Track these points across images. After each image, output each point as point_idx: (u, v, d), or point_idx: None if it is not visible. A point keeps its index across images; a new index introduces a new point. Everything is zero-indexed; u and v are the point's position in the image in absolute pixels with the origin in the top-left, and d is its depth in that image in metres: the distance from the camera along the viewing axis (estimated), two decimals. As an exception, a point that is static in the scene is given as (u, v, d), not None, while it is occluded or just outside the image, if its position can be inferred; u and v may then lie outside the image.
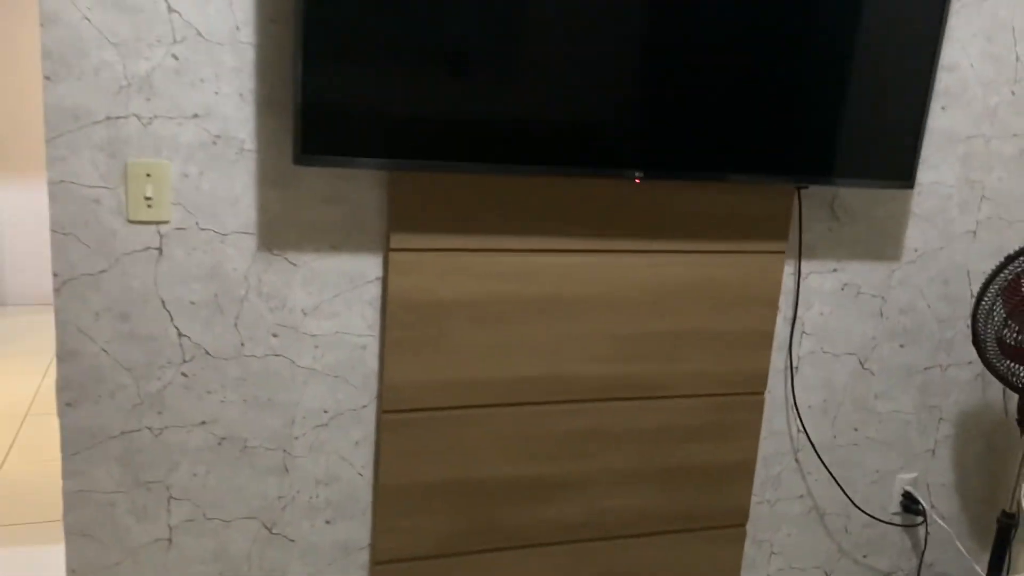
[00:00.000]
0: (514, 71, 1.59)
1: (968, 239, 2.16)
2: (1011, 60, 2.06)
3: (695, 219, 1.89)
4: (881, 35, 1.80)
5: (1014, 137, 2.12)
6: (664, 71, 1.68)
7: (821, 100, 1.80)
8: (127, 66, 1.51)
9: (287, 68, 1.58)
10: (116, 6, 1.48)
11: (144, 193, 1.55)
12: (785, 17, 1.73)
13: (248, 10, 1.54)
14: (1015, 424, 2.32)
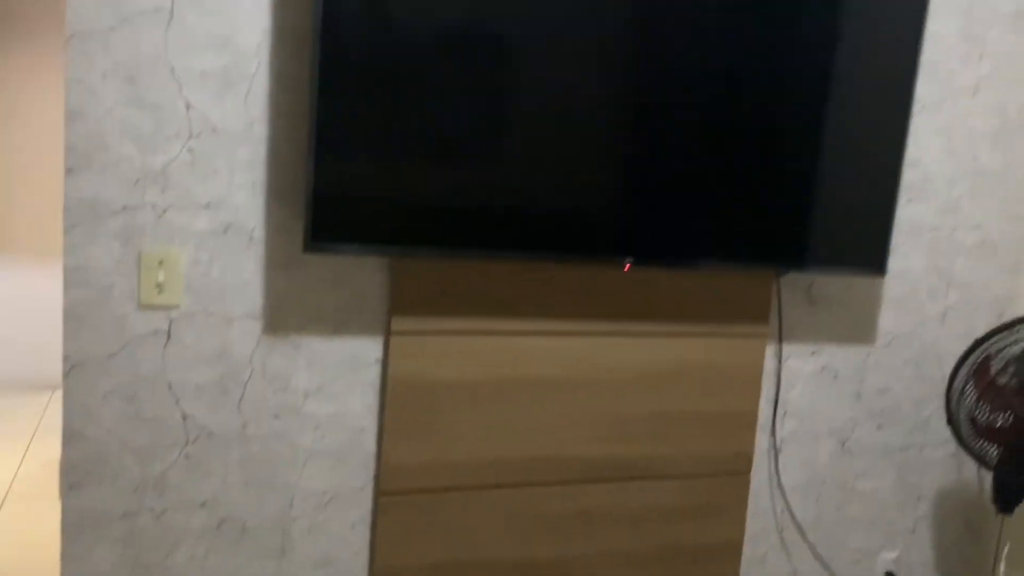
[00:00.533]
0: (508, 164, 1.69)
1: (938, 323, 2.27)
2: (969, 157, 2.21)
3: (681, 303, 1.98)
4: (851, 135, 1.94)
5: (975, 228, 2.25)
6: (652, 165, 1.80)
7: (796, 194, 1.92)
8: (145, 159, 1.58)
9: (298, 161, 1.67)
10: (137, 103, 1.56)
11: (156, 280, 1.61)
12: (764, 120, 1.86)
13: (262, 107, 1.64)
14: (991, 503, 2.39)
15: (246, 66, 1.62)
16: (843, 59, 1.90)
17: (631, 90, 1.75)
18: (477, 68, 1.64)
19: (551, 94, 1.70)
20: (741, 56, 1.82)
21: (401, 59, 1.59)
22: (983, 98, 2.20)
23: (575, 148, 1.74)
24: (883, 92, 1.95)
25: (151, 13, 1.55)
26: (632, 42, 1.74)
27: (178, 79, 1.58)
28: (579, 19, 1.69)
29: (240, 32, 1.60)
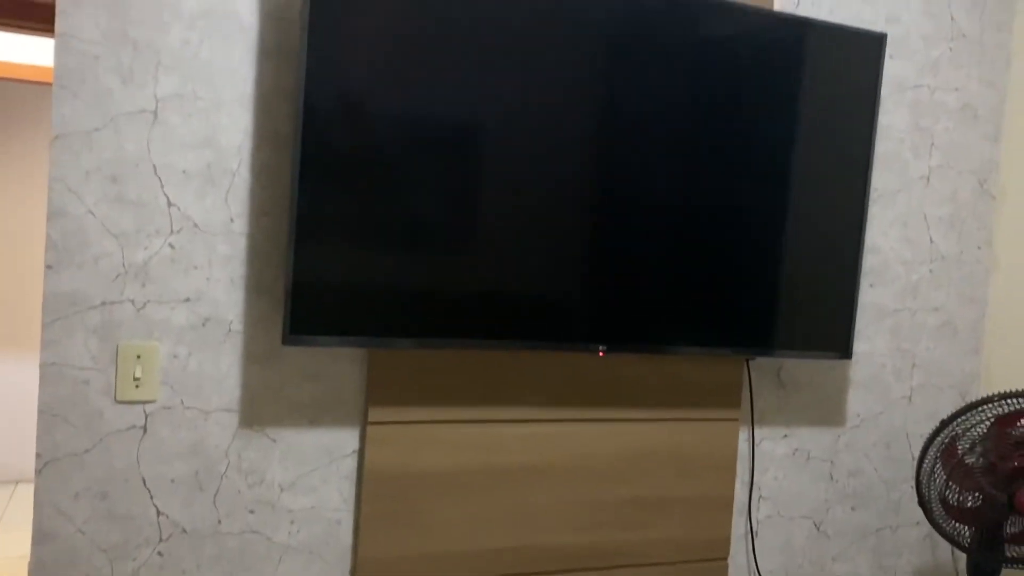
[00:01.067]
0: (483, 254, 1.74)
1: (905, 404, 2.31)
2: (925, 242, 2.30)
3: (655, 388, 2.01)
4: (813, 224, 2.02)
5: (935, 310, 2.33)
6: (623, 254, 1.85)
7: (763, 281, 1.98)
8: (126, 255, 1.61)
9: (277, 255, 1.70)
10: (119, 201, 1.60)
11: (133, 374, 1.61)
12: (730, 211, 1.93)
13: (242, 204, 1.68)
14: (966, 583, 2.40)
15: (228, 164, 1.66)
16: (803, 152, 1.99)
17: (601, 182, 1.82)
18: (451, 161, 1.70)
19: (523, 185, 1.76)
20: (707, 151, 1.90)
21: (377, 154, 1.64)
22: (936, 186, 2.30)
23: (548, 237, 1.79)
24: (841, 183, 2.04)
25: (136, 114, 1.59)
26: (602, 136, 1.81)
27: (160, 177, 1.62)
28: (550, 112, 1.76)
29: (223, 132, 1.65)
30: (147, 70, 1.60)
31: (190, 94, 1.63)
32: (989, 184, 2.37)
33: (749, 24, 1.91)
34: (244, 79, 1.66)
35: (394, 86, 1.64)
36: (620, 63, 1.81)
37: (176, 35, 1.61)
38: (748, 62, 1.92)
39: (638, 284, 1.87)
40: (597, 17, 1.78)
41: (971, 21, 2.31)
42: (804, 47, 1.96)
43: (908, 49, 2.24)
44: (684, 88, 1.87)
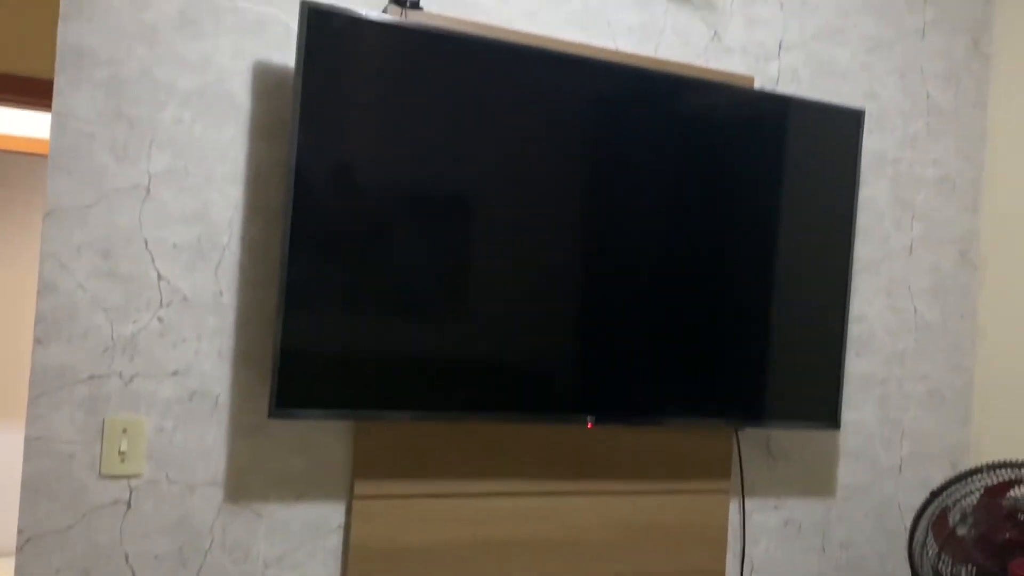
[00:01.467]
0: (471, 326, 1.75)
1: (894, 474, 2.31)
2: (910, 312, 2.32)
3: (643, 460, 2.00)
4: (798, 295, 2.04)
5: (922, 379, 2.34)
6: (612, 326, 1.87)
7: (751, 351, 1.99)
8: (115, 329, 1.61)
9: (265, 328, 1.71)
10: (110, 275, 1.61)
11: (119, 448, 1.61)
12: (717, 283, 1.96)
13: (232, 277, 1.69)
14: (963, 658, 2.36)
15: (218, 238, 1.68)
16: (787, 224, 2.02)
17: (590, 253, 1.85)
18: (439, 233, 1.73)
19: (511, 257, 1.78)
20: (693, 224, 1.93)
21: (367, 226, 1.67)
22: (918, 257, 2.34)
23: (536, 308, 1.81)
24: (826, 254, 2.07)
25: (129, 190, 1.62)
26: (590, 207, 1.84)
27: (151, 251, 1.64)
28: (538, 184, 1.80)
29: (214, 207, 1.68)
30: (141, 147, 1.63)
31: (182, 170, 1.66)
32: (970, 254, 2.41)
33: (732, 101, 1.96)
34: (236, 155, 1.69)
35: (384, 159, 1.68)
36: (607, 137, 1.85)
37: (170, 113, 1.65)
38: (732, 138, 1.96)
39: (626, 355, 1.88)
40: (585, 91, 1.83)
41: (946, 98, 2.37)
42: (786, 123, 2.01)
43: (887, 124, 2.30)
44: (671, 162, 1.91)
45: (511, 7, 1.91)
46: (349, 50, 1.65)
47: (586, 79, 1.83)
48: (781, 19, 2.17)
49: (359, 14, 1.65)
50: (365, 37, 1.66)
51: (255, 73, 1.71)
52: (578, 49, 1.93)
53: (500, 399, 1.78)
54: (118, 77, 1.61)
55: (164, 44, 1.64)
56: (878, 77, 2.29)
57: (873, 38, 2.28)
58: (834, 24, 2.23)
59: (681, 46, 2.07)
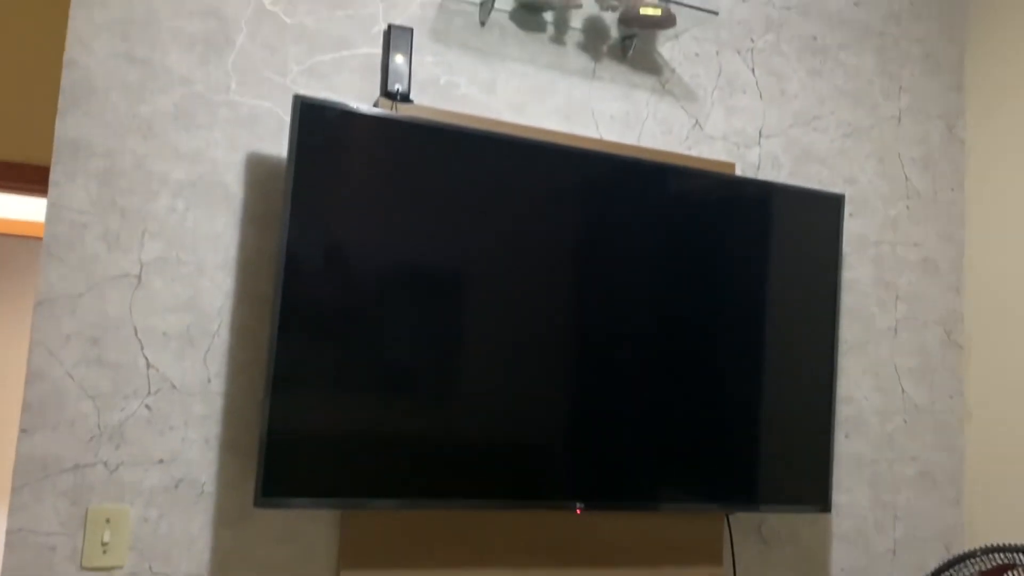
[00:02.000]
0: (459, 409, 1.75)
1: (889, 558, 2.28)
2: (898, 393, 2.33)
3: (634, 547, 1.98)
4: (785, 377, 2.05)
5: (912, 460, 2.33)
6: (601, 410, 1.87)
7: (741, 435, 1.99)
8: (102, 417, 1.61)
9: (253, 416, 1.71)
10: (99, 363, 1.62)
11: (102, 539, 1.58)
12: (705, 368, 1.97)
13: (221, 363, 1.70)
14: None
15: (208, 326, 1.69)
16: (773, 307, 2.05)
17: (579, 338, 1.86)
18: (429, 317, 1.74)
19: (500, 341, 1.79)
20: (680, 308, 1.96)
21: (356, 313, 1.68)
22: (904, 338, 2.36)
23: (525, 393, 1.81)
24: (812, 336, 2.09)
25: (120, 278, 1.64)
26: (579, 295, 1.87)
27: (141, 339, 1.65)
28: (527, 269, 1.82)
29: (205, 295, 1.70)
30: (133, 236, 1.66)
31: (174, 259, 1.68)
32: (955, 335, 2.43)
33: (715, 187, 2.01)
34: (228, 243, 1.72)
35: (373, 246, 1.71)
36: (594, 225, 1.89)
37: (163, 203, 1.68)
38: (717, 223, 2.00)
39: (615, 440, 1.88)
40: (571, 180, 1.87)
41: (924, 182, 2.43)
42: (769, 208, 2.06)
43: (867, 207, 2.35)
44: (657, 249, 1.94)
45: (498, 100, 1.97)
46: (340, 142, 1.69)
47: (571, 168, 1.87)
48: (760, 108, 2.24)
49: (351, 108, 1.70)
50: (356, 129, 1.70)
51: (248, 164, 1.75)
52: (563, 139, 1.99)
53: (489, 485, 1.77)
54: (113, 168, 1.65)
55: (159, 136, 1.69)
56: (857, 162, 2.35)
57: (850, 124, 2.35)
58: (812, 111, 2.30)
59: (663, 135, 2.13)
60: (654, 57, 2.13)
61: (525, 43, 2.01)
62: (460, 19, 1.95)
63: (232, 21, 1.76)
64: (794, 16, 2.30)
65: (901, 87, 2.42)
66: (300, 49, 1.81)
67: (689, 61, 2.17)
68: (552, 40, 2.04)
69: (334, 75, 1.83)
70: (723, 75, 2.21)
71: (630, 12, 1.98)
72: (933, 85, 2.47)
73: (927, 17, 2.48)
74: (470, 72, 1.95)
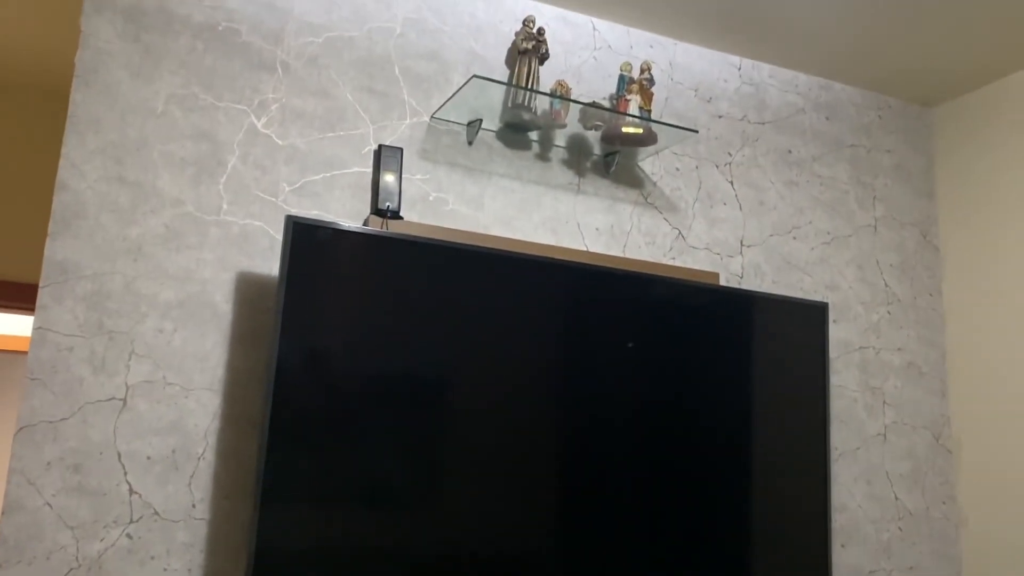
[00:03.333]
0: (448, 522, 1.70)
1: (893, 674, 2.21)
2: (891, 499, 2.31)
3: (633, 671, 1.90)
4: (778, 488, 2.02)
5: (910, 570, 2.29)
6: (591, 522, 1.82)
7: (736, 549, 1.95)
8: (80, 548, 1.55)
9: (237, 540, 1.65)
10: (79, 490, 1.56)
11: None
12: (695, 480, 1.94)
13: (206, 488, 1.65)
14: None
15: (194, 448, 1.65)
16: (762, 416, 2.04)
17: (567, 449, 1.83)
18: (418, 429, 1.71)
19: (486, 451, 1.76)
20: (669, 417, 1.94)
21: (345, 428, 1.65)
22: (893, 442, 2.35)
23: (513, 502, 1.77)
24: (802, 444, 2.08)
25: (104, 402, 1.61)
26: (565, 403, 1.85)
27: (124, 464, 1.60)
28: (515, 382, 1.81)
29: (191, 416, 1.66)
30: (120, 358, 1.63)
31: (160, 380, 1.65)
32: (943, 439, 2.43)
33: (703, 298, 2.03)
34: (216, 364, 1.70)
35: (364, 361, 1.69)
36: (581, 335, 1.89)
37: (151, 324, 1.66)
38: (704, 333, 2.01)
39: (608, 553, 1.83)
40: (558, 291, 1.88)
41: (903, 288, 2.48)
42: (754, 317, 2.08)
43: (850, 313, 2.38)
44: (644, 359, 1.94)
45: (487, 214, 2.00)
46: (331, 259, 1.69)
47: (558, 279, 1.89)
48: (740, 218, 2.29)
49: (341, 226, 1.71)
50: (348, 247, 1.71)
51: (238, 282, 1.74)
52: (550, 251, 2.01)
53: (482, 610, 1.71)
54: (101, 290, 1.64)
55: (148, 258, 1.68)
56: (837, 269, 2.39)
57: (829, 233, 2.40)
58: (791, 222, 2.36)
59: (648, 245, 2.16)
60: (636, 172, 2.19)
61: (511, 160, 2.05)
62: (448, 138, 2.00)
63: (224, 144, 1.78)
64: (768, 131, 2.38)
65: (875, 196, 2.49)
66: (291, 169, 1.83)
67: (670, 175, 2.22)
68: (538, 157, 2.08)
69: (325, 193, 1.85)
70: (703, 188, 2.26)
71: (613, 131, 2.04)
72: (905, 193, 2.55)
73: (895, 129, 2.57)
74: (458, 188, 1.99)
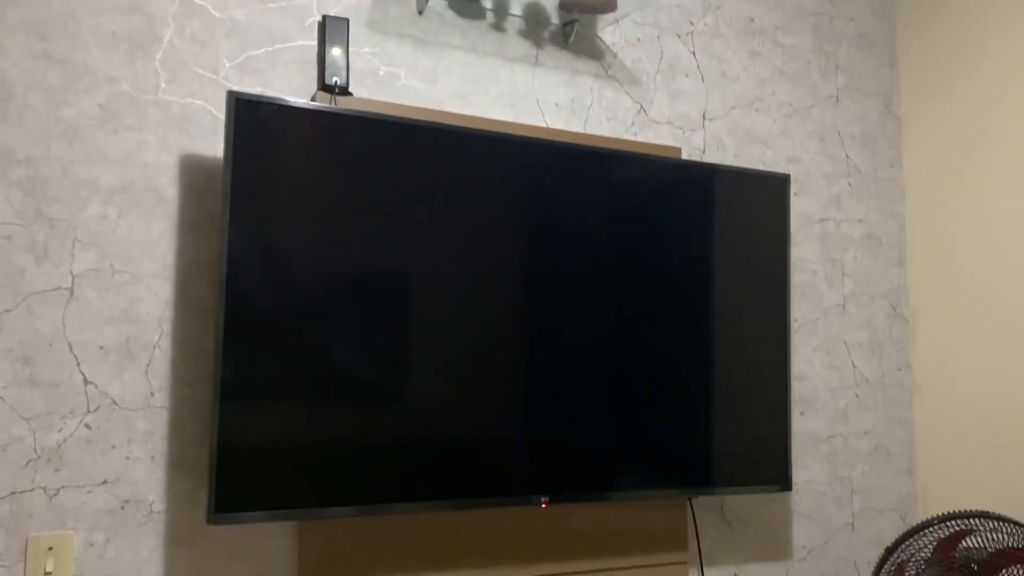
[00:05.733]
0: (413, 408, 1.70)
1: (848, 532, 2.31)
2: (849, 368, 2.36)
3: (598, 538, 1.96)
4: (740, 358, 2.05)
5: (865, 434, 2.36)
6: (559, 405, 1.84)
7: (698, 419, 1.98)
8: (38, 439, 1.52)
9: (200, 429, 1.64)
10: (31, 382, 1.52)
11: (44, 569, 1.50)
12: (658, 354, 1.95)
13: (164, 376, 1.62)
14: None
15: (148, 337, 1.61)
16: (724, 289, 2.04)
17: (529, 329, 1.83)
18: (376, 316, 1.69)
19: (451, 336, 1.75)
20: (631, 294, 1.94)
21: (302, 316, 1.62)
22: (852, 313, 2.38)
23: (481, 388, 1.77)
24: (763, 315, 2.09)
25: (50, 292, 1.55)
26: (527, 283, 1.83)
27: (76, 355, 1.56)
28: (473, 259, 1.78)
29: (142, 305, 1.61)
30: (63, 247, 1.56)
31: (108, 268, 1.59)
32: (900, 307, 2.47)
33: (662, 172, 1.99)
34: (165, 251, 1.64)
35: (317, 245, 1.65)
36: (542, 213, 1.85)
37: (94, 210, 1.59)
38: (664, 208, 1.99)
39: (574, 432, 1.85)
40: (517, 169, 1.83)
41: (864, 159, 2.46)
42: (716, 191, 2.05)
43: (811, 186, 2.36)
44: (606, 236, 1.92)
45: (441, 90, 1.92)
46: (278, 139, 1.62)
47: (517, 157, 1.84)
48: (703, 91, 2.23)
49: (287, 102, 1.63)
50: (294, 125, 1.64)
51: (182, 166, 1.67)
52: (508, 128, 1.95)
53: (449, 486, 1.72)
54: (36, 177, 1.55)
55: (85, 141, 1.60)
56: (799, 141, 2.36)
57: (791, 105, 2.36)
58: (752, 93, 2.31)
59: (609, 120, 2.10)
60: (596, 42, 2.11)
61: (465, 30, 1.96)
62: (397, 7, 1.90)
63: (158, 17, 1.67)
64: (731, -2, 2.30)
65: (838, 66, 2.45)
66: (232, 43, 1.73)
67: (631, 46, 2.15)
68: (492, 27, 1.99)
69: (268, 69, 1.76)
70: (664, 59, 2.19)
71: (570, -3, 1.95)
72: (868, 63, 2.50)
73: (859, -4, 2.50)
74: (410, 62, 1.90)
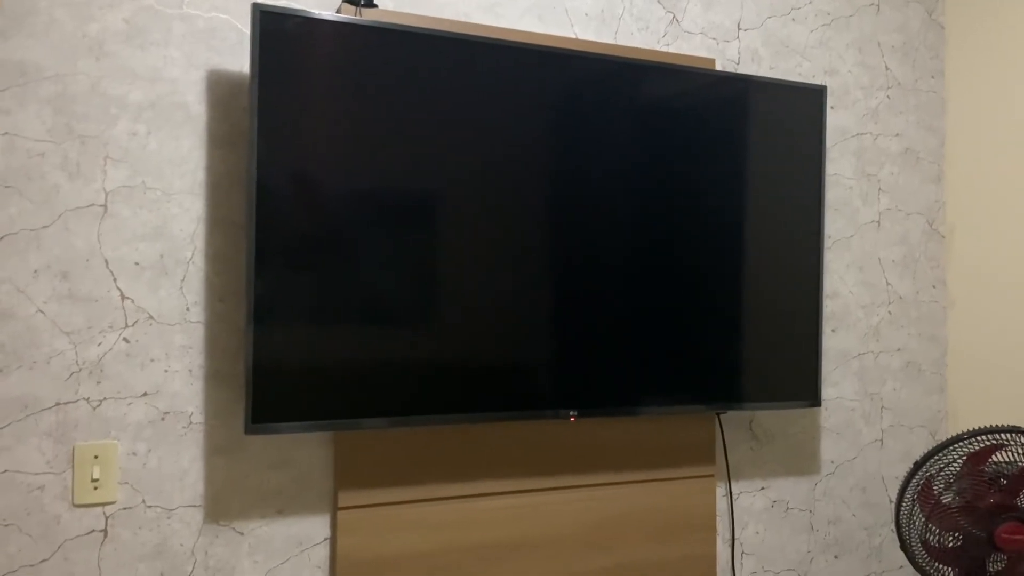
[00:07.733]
0: (446, 326, 1.72)
1: (876, 448, 2.32)
2: (882, 285, 2.33)
3: (626, 451, 1.99)
4: (772, 274, 2.03)
5: (898, 351, 2.35)
6: (588, 319, 1.85)
7: (728, 334, 1.98)
8: (79, 352, 1.56)
9: (236, 342, 1.67)
10: (71, 297, 1.56)
11: (91, 476, 1.55)
12: (690, 268, 1.94)
13: (198, 292, 1.64)
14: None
15: (182, 253, 1.63)
16: (757, 204, 2.01)
17: (560, 246, 1.82)
18: (408, 235, 1.69)
19: (482, 254, 1.75)
20: (663, 209, 1.92)
21: (333, 233, 1.63)
22: (887, 229, 2.35)
23: (511, 305, 1.78)
24: (796, 232, 2.07)
25: (85, 209, 1.57)
26: (559, 200, 1.82)
27: (112, 271, 1.59)
28: (505, 179, 1.77)
29: (175, 221, 1.63)
30: (95, 164, 1.58)
31: (140, 185, 1.61)
32: (937, 224, 2.42)
33: (696, 85, 1.95)
34: (195, 167, 1.65)
35: (346, 163, 1.64)
36: (572, 128, 1.83)
37: (123, 127, 1.60)
38: (697, 121, 1.95)
39: (605, 347, 1.87)
40: (546, 83, 1.80)
41: (904, 71, 2.38)
42: (749, 103, 2.01)
43: (848, 99, 2.30)
44: (637, 150, 1.89)
45: (467, 1, 1.88)
46: (304, 52, 1.60)
47: (547, 70, 1.80)
48: (738, 0, 2.16)
49: (312, 14, 1.61)
50: (320, 38, 1.62)
51: (209, 82, 1.66)
52: (537, 40, 1.91)
53: (481, 399, 1.75)
54: (66, 93, 1.56)
55: (112, 57, 1.59)
56: (836, 53, 2.29)
57: (829, 14, 2.28)
58: (789, 2, 2.23)
59: (640, 31, 2.05)
60: (627, -50, 2.04)
61: (492, -60, 1.91)
62: (422, -84, 1.84)
63: (179, -73, 1.64)
64: (769, -100, 2.21)
65: (880, -28, 2.35)
66: (254, -45, 1.70)
67: (663, -47, 2.08)
68: (520, -65, 1.93)
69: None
70: (698, -34, 2.12)
71: (600, -99, 1.88)
72: (912, -31, 2.40)
73: None
74: (436, -27, 1.86)
